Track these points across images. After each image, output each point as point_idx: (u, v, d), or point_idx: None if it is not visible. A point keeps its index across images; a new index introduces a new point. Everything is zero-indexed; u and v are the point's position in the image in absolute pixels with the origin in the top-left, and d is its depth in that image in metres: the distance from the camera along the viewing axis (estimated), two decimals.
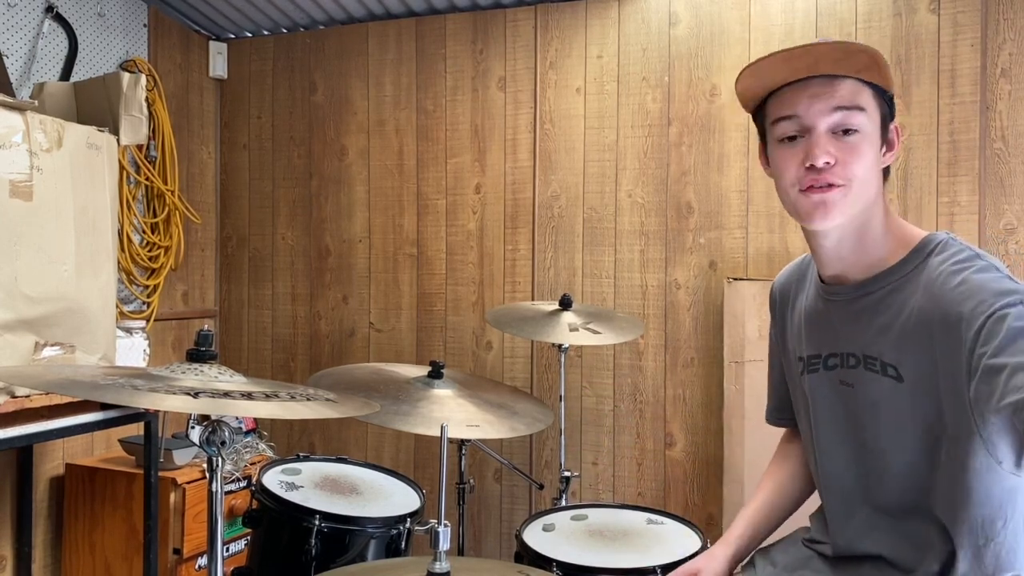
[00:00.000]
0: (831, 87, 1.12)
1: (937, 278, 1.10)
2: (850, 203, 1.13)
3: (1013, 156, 2.49)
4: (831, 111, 1.12)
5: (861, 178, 1.12)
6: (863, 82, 1.13)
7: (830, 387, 1.26)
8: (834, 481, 1.29)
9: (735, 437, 2.60)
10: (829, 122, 1.12)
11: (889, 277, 1.17)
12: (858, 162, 1.12)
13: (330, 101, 3.32)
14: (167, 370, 1.24)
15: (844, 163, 1.12)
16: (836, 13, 2.66)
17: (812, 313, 1.30)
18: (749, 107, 1.24)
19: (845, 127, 1.12)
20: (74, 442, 2.78)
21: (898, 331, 1.14)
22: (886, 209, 1.20)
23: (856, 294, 1.20)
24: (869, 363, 1.18)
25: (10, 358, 1.95)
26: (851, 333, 1.21)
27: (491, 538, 3.06)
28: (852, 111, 1.11)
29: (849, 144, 1.12)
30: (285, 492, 1.89)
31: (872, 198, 1.16)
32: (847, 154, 1.12)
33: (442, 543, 1.27)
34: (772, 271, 2.71)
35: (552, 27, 3.00)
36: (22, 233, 1.98)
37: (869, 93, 1.13)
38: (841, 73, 1.12)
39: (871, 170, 1.14)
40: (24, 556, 2.57)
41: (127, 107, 2.41)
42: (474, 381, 2.30)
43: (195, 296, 3.38)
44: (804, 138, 1.14)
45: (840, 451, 1.27)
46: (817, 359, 1.28)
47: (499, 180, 3.08)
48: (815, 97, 1.12)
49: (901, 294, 1.14)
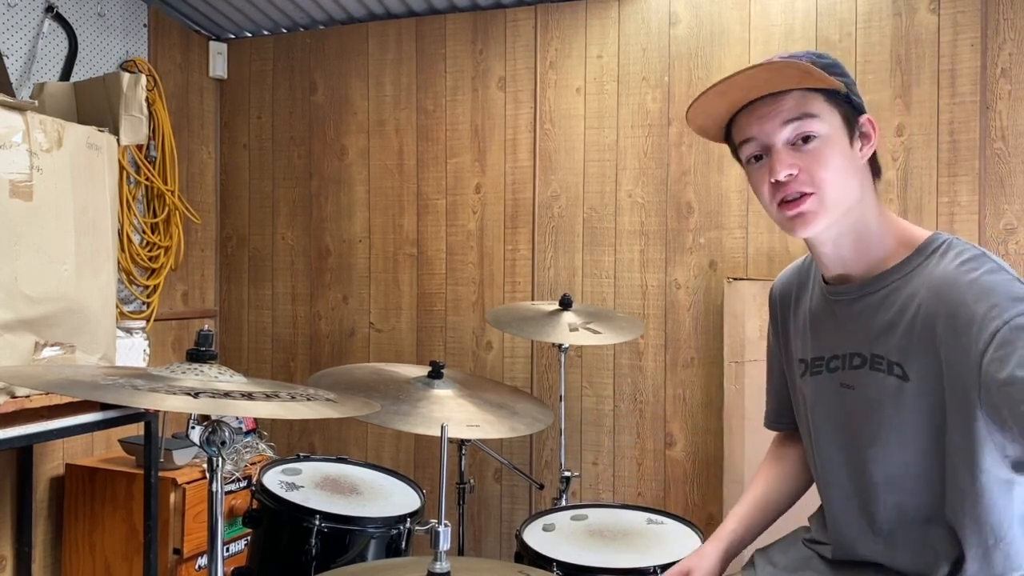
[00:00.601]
0: (775, 104, 1.13)
1: (944, 276, 1.10)
2: (828, 207, 1.14)
3: (1013, 156, 2.49)
4: (781, 126, 1.13)
5: (831, 181, 1.13)
6: (809, 89, 1.13)
7: (832, 390, 1.26)
8: (835, 485, 1.28)
9: (735, 437, 2.60)
10: (783, 136, 1.13)
11: (893, 275, 1.17)
12: (822, 167, 1.12)
13: (330, 101, 3.32)
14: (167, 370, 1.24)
15: (808, 170, 1.13)
16: (836, 13, 2.66)
17: (816, 314, 1.30)
18: (716, 139, 1.27)
19: (802, 135, 1.13)
20: (74, 442, 2.78)
21: (903, 329, 1.13)
22: (880, 207, 1.20)
23: (860, 293, 1.20)
24: (876, 362, 1.17)
25: (10, 358, 1.95)
26: (856, 332, 1.21)
27: (491, 538, 3.06)
28: (803, 120, 1.12)
29: (810, 152, 1.13)
30: (285, 492, 1.89)
31: (856, 197, 1.16)
32: (809, 161, 1.13)
33: (442, 543, 1.27)
34: (772, 271, 2.71)
35: (552, 27, 3.00)
36: (22, 233, 1.98)
37: (819, 97, 1.14)
38: (779, 89, 1.13)
39: (841, 170, 1.14)
40: (24, 556, 2.57)
41: (127, 107, 2.41)
42: (474, 381, 2.30)
43: (195, 296, 3.38)
44: (768, 156, 1.16)
45: (841, 455, 1.26)
46: (820, 361, 1.28)
47: (499, 180, 3.08)
48: (763, 117, 1.14)
49: (905, 292, 1.14)
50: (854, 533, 1.25)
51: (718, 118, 1.21)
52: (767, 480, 1.45)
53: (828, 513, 1.31)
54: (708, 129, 1.24)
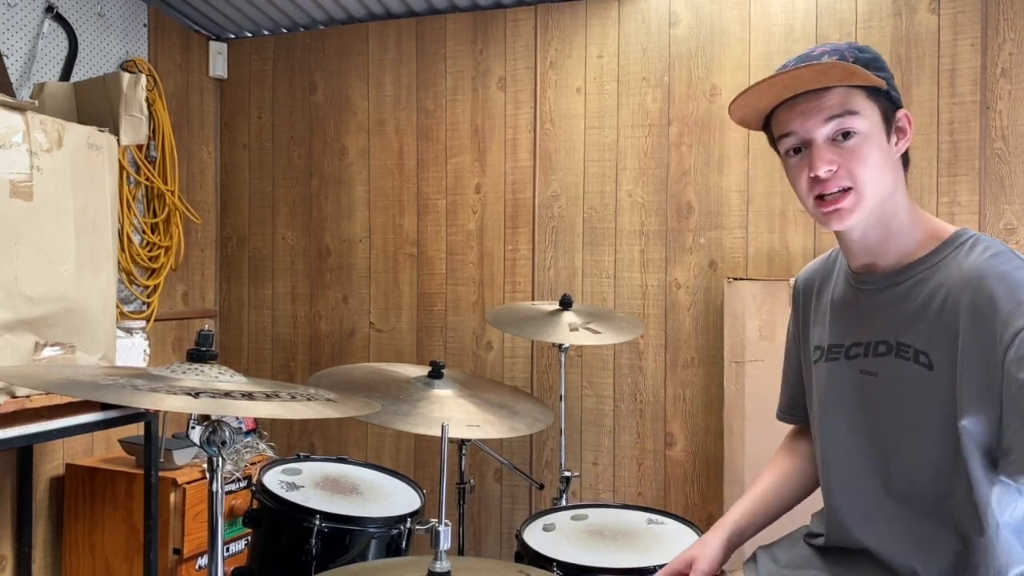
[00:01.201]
0: (818, 100, 1.15)
1: (973, 268, 1.11)
2: (864, 203, 1.16)
3: (1013, 156, 2.49)
4: (824, 122, 1.15)
5: (869, 178, 1.15)
6: (851, 86, 1.15)
7: (848, 376, 1.27)
8: (841, 471, 1.29)
9: (735, 437, 2.60)
10: (824, 132, 1.15)
11: (921, 266, 1.18)
12: (861, 164, 1.14)
13: (330, 101, 3.32)
14: (167, 370, 1.24)
15: (848, 167, 1.14)
16: (836, 13, 2.66)
17: (840, 303, 1.31)
18: (755, 128, 1.29)
19: (843, 131, 1.15)
20: (74, 442, 2.78)
21: (930, 319, 1.15)
22: (910, 199, 1.22)
23: (888, 282, 1.22)
24: (902, 350, 1.18)
25: (10, 358, 1.95)
26: (883, 320, 1.22)
27: (491, 538, 3.06)
28: (845, 117, 1.14)
29: (849, 148, 1.15)
30: (285, 492, 1.89)
31: (889, 190, 1.18)
32: (849, 158, 1.14)
33: (443, 542, 1.27)
34: (772, 271, 2.71)
35: (552, 27, 3.00)
36: (22, 233, 1.98)
37: (861, 94, 1.15)
38: (823, 86, 1.15)
39: (879, 167, 1.16)
40: (24, 556, 2.57)
41: (127, 107, 2.41)
42: (474, 381, 2.30)
43: (195, 296, 3.38)
44: (808, 150, 1.17)
45: (854, 441, 1.27)
46: (839, 348, 1.29)
47: (499, 180, 3.08)
48: (805, 113, 1.16)
49: (933, 282, 1.16)
50: (855, 521, 1.26)
51: (760, 111, 1.23)
52: (775, 474, 1.45)
53: (828, 500, 1.32)
54: (749, 121, 1.26)
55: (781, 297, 2.55)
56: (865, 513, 1.25)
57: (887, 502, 1.21)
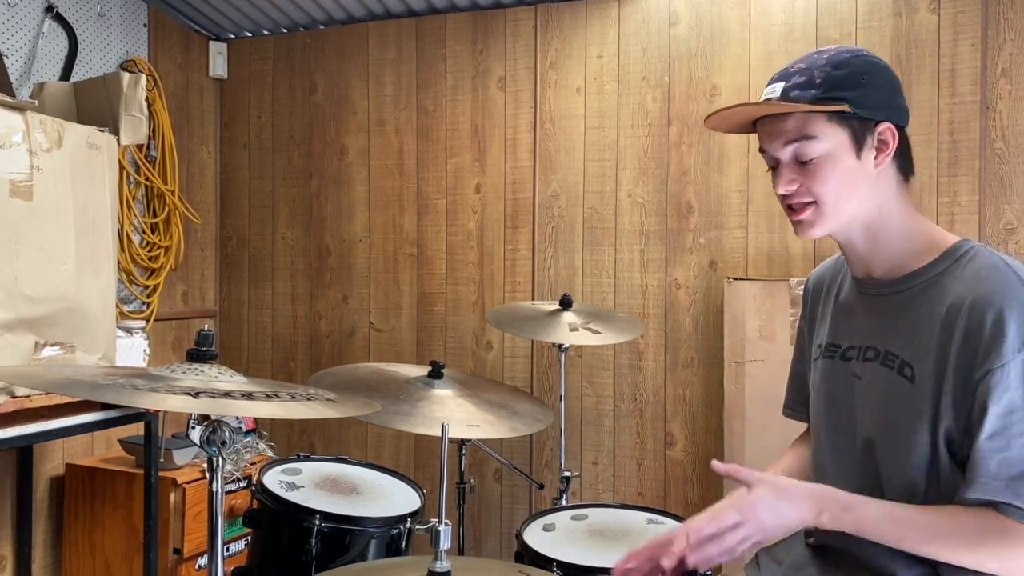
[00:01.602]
0: (779, 124, 1.20)
1: (968, 288, 1.12)
2: (826, 216, 1.20)
3: (1013, 156, 2.49)
4: (783, 145, 1.20)
5: (829, 195, 1.19)
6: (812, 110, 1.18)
7: (841, 376, 1.29)
8: (826, 469, 1.31)
9: (735, 437, 2.60)
10: (787, 154, 1.21)
11: (921, 276, 1.20)
12: (821, 183, 1.19)
13: (330, 101, 3.32)
14: (167, 370, 1.24)
15: (807, 184, 1.20)
16: (836, 13, 2.66)
17: (845, 305, 1.33)
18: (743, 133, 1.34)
19: (800, 158, 1.19)
20: (74, 442, 2.78)
21: (923, 333, 1.16)
22: (907, 209, 1.23)
23: (887, 291, 1.23)
24: (889, 359, 1.20)
25: (10, 358, 1.95)
26: (878, 327, 1.24)
27: (491, 538, 3.06)
28: (801, 142, 1.18)
29: (809, 169, 1.19)
30: (285, 492, 1.89)
31: (864, 203, 1.20)
32: (808, 178, 1.19)
33: (443, 542, 1.27)
34: (772, 271, 2.71)
35: (552, 27, 3.00)
36: (22, 233, 1.98)
37: (821, 118, 1.17)
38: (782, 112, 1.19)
39: (844, 183, 1.18)
40: (24, 556, 2.57)
41: (127, 107, 2.41)
42: (474, 381, 2.30)
43: (195, 296, 3.38)
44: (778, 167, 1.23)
45: (833, 438, 1.30)
46: (836, 348, 1.31)
47: (499, 180, 3.08)
48: (770, 135, 1.22)
49: (930, 295, 1.17)
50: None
51: (735, 128, 1.29)
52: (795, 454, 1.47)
53: None
54: (728, 132, 1.32)
55: (781, 297, 2.55)
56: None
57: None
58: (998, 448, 1.06)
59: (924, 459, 1.14)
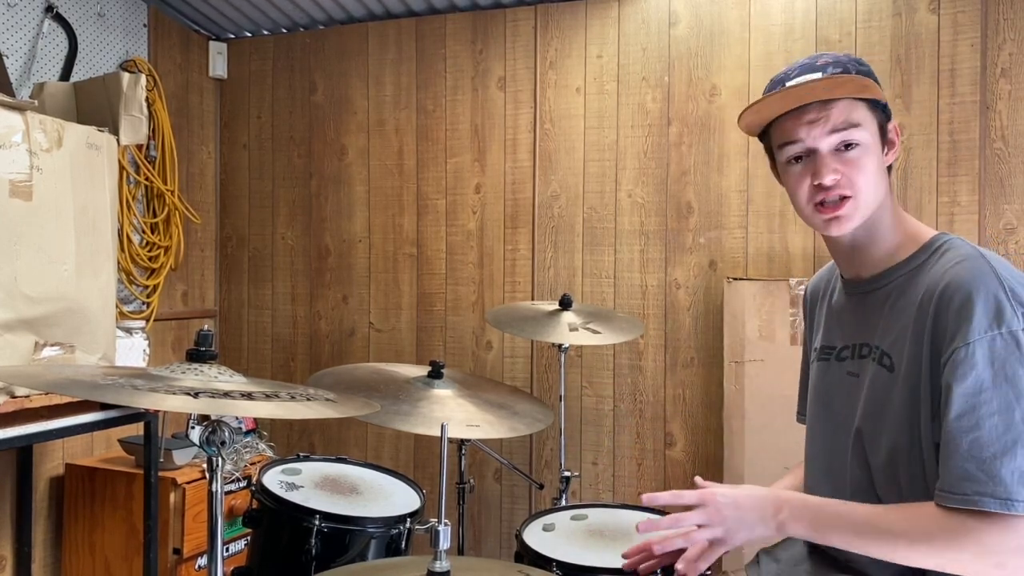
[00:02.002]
0: (826, 111, 1.19)
1: (939, 277, 1.15)
2: (861, 210, 1.21)
3: (1013, 156, 2.49)
4: (829, 133, 1.19)
5: (866, 186, 1.19)
6: (855, 99, 1.19)
7: (837, 377, 1.31)
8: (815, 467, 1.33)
9: (735, 437, 2.60)
10: (830, 143, 1.19)
11: (900, 270, 1.22)
12: (861, 174, 1.19)
13: (330, 101, 3.32)
14: (167, 370, 1.24)
15: (849, 175, 1.19)
16: (836, 13, 2.66)
17: (836, 308, 1.36)
18: (752, 135, 1.33)
19: (846, 143, 1.19)
20: (74, 442, 2.78)
21: (900, 324, 1.19)
22: (894, 205, 1.26)
23: (870, 287, 1.26)
24: (875, 352, 1.23)
25: (10, 358, 1.95)
26: (865, 324, 1.26)
27: (491, 538, 3.06)
28: (849, 129, 1.19)
29: (851, 159, 1.19)
30: (285, 492, 1.89)
31: (881, 199, 1.22)
32: (850, 168, 1.19)
33: (442, 542, 1.27)
34: (772, 271, 2.71)
35: (552, 27, 3.00)
36: (22, 233, 1.98)
37: (863, 107, 1.20)
38: (833, 97, 1.19)
39: (875, 176, 1.20)
40: (24, 556, 2.57)
41: (127, 107, 2.41)
42: (474, 381, 2.30)
43: (195, 296, 3.38)
44: (810, 158, 1.21)
45: (823, 438, 1.32)
46: (831, 350, 1.34)
47: (499, 180, 3.08)
48: (813, 124, 1.20)
49: (908, 288, 1.20)
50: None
51: (769, 117, 1.26)
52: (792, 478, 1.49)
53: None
54: (753, 128, 1.30)
55: (781, 297, 2.55)
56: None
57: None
58: (966, 428, 1.06)
59: (905, 448, 1.15)
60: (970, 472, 1.05)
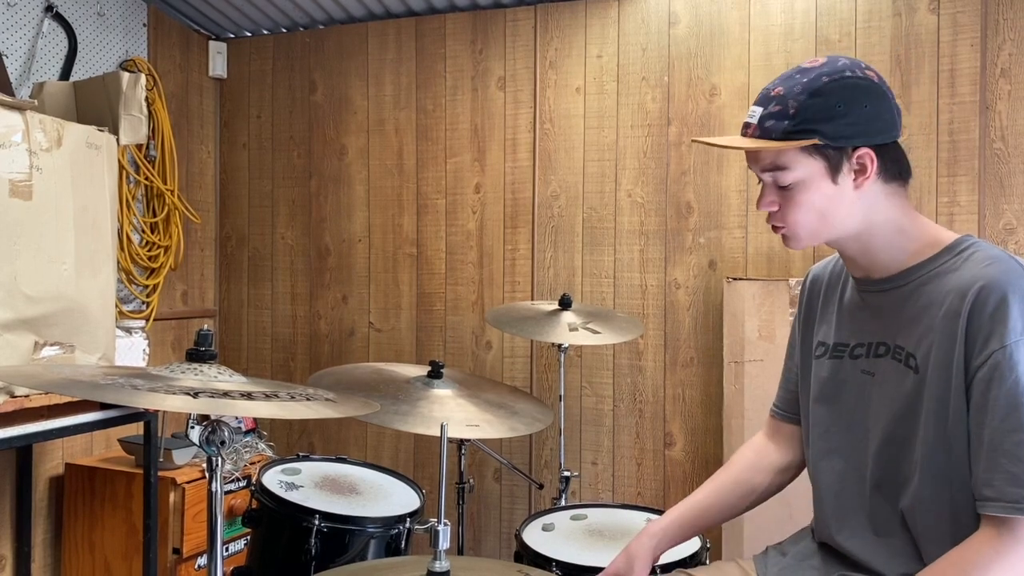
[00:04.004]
0: (755, 155, 1.24)
1: (971, 278, 1.13)
2: (803, 238, 1.25)
3: (1013, 156, 2.49)
4: (761, 171, 1.24)
5: (802, 219, 1.23)
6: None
7: (850, 375, 1.30)
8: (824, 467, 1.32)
9: (735, 436, 2.60)
10: (767, 178, 1.25)
11: (922, 270, 1.21)
12: (794, 209, 1.22)
13: (330, 101, 3.32)
14: (167, 370, 1.24)
15: (783, 210, 1.24)
16: (836, 13, 2.66)
17: (849, 304, 1.34)
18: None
19: (777, 183, 1.23)
20: (73, 442, 2.78)
21: (925, 324, 1.17)
22: (903, 217, 1.23)
23: (887, 287, 1.25)
24: (897, 352, 1.22)
25: (9, 358, 1.95)
26: (885, 322, 1.25)
27: (491, 538, 3.06)
28: (775, 172, 1.22)
29: (786, 194, 1.23)
30: (285, 492, 1.89)
31: (847, 223, 1.22)
32: (785, 202, 1.23)
33: (442, 542, 1.27)
34: (772, 271, 2.71)
35: (552, 27, 3.00)
36: (21, 232, 1.98)
37: (794, 151, 1.20)
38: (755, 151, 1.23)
39: (820, 208, 1.21)
40: (24, 556, 2.57)
41: (127, 107, 2.41)
42: (474, 381, 2.30)
43: (194, 296, 3.38)
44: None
45: (835, 436, 1.31)
46: (844, 347, 1.32)
47: (499, 180, 3.08)
48: (751, 159, 1.26)
49: (932, 289, 1.18)
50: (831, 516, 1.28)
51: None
52: (712, 489, 1.48)
53: (814, 494, 1.35)
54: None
55: (780, 297, 2.55)
56: (839, 510, 1.28)
57: (863, 501, 1.24)
58: (1009, 430, 1.06)
59: (936, 447, 1.14)
60: (1017, 476, 1.04)
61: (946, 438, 1.13)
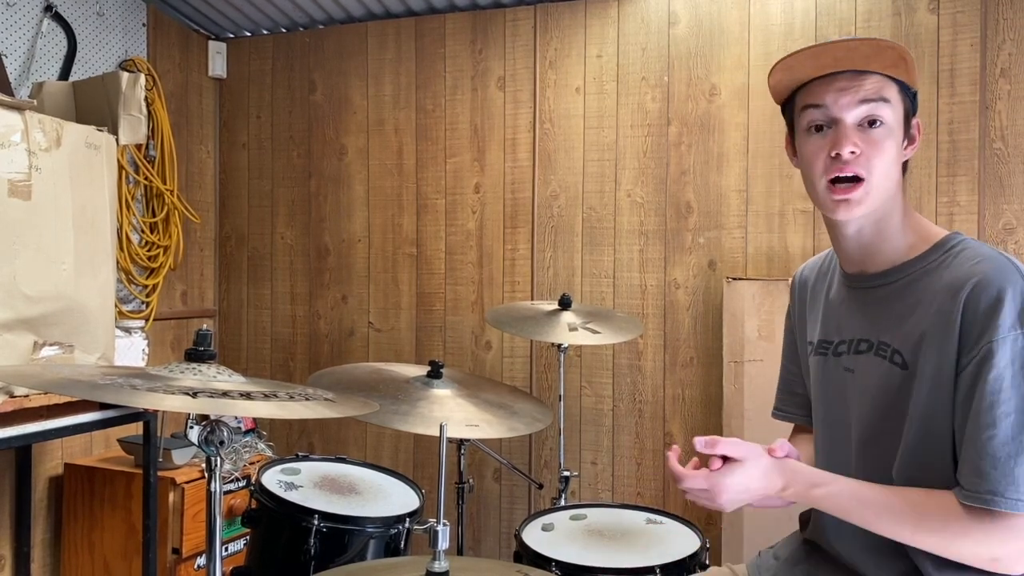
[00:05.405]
0: (858, 81, 1.15)
1: (960, 276, 1.13)
2: (871, 197, 1.17)
3: (1013, 156, 2.49)
4: (857, 104, 1.16)
5: (882, 171, 1.16)
6: (889, 77, 1.16)
7: (833, 372, 1.29)
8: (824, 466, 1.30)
9: (734, 436, 2.60)
10: (855, 114, 1.16)
11: (911, 267, 1.20)
12: (880, 155, 1.16)
13: (329, 100, 3.32)
14: (166, 370, 1.24)
15: (867, 155, 1.15)
16: (836, 12, 2.66)
17: (835, 301, 1.33)
18: (779, 99, 1.29)
19: (871, 118, 1.16)
20: (73, 442, 2.78)
21: (913, 321, 1.16)
22: (905, 204, 1.23)
23: (877, 283, 1.23)
24: (881, 349, 1.20)
25: (9, 358, 1.95)
26: (868, 319, 1.24)
27: (490, 538, 3.06)
28: (878, 103, 1.15)
29: (873, 138, 1.16)
30: (284, 492, 1.89)
31: (892, 191, 1.19)
32: (870, 147, 1.16)
33: (441, 542, 1.27)
34: (771, 271, 2.71)
35: (552, 27, 3.00)
36: (21, 232, 1.98)
37: (895, 88, 1.17)
38: (868, 69, 1.15)
39: (892, 163, 1.17)
40: (23, 556, 2.57)
41: (126, 106, 2.41)
42: (473, 381, 2.30)
43: (194, 296, 3.38)
44: (831, 129, 1.18)
45: (825, 434, 1.31)
46: (828, 344, 1.31)
47: (498, 180, 3.07)
48: (842, 91, 1.16)
49: (921, 285, 1.17)
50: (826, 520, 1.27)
51: (800, 78, 1.21)
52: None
53: None
54: (781, 89, 1.25)
55: (780, 297, 2.55)
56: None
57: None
58: (984, 426, 1.06)
59: (922, 443, 1.14)
60: (984, 470, 1.05)
61: (933, 435, 1.13)
